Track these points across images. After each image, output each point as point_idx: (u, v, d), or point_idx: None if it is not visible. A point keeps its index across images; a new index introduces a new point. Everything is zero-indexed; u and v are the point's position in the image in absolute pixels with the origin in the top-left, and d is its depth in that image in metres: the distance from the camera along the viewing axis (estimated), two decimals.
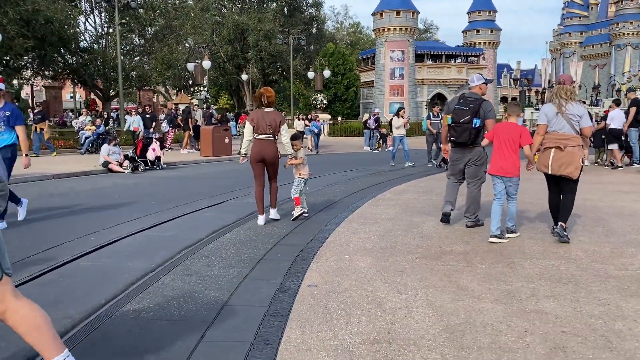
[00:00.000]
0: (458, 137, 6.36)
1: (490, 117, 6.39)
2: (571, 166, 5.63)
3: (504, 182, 5.90)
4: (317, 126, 23.94)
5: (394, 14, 37.26)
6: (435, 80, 39.18)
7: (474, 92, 6.51)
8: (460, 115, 6.29)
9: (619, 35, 71.56)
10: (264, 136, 6.83)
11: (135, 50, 30.57)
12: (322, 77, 34.31)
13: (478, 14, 52.47)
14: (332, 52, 38.91)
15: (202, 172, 14.75)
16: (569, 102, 5.70)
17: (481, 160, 6.52)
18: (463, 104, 6.37)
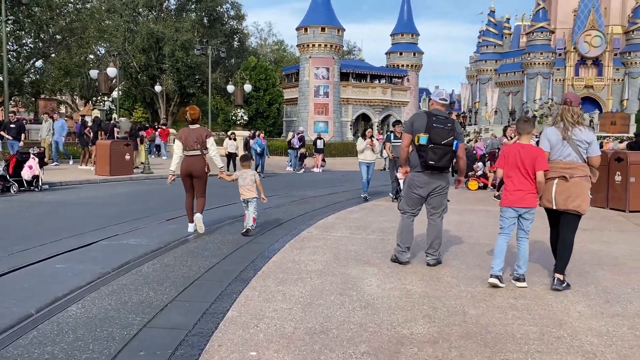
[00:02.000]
0: (438, 160, 5.36)
1: (462, 140, 5.60)
2: (578, 199, 4.85)
3: (520, 215, 5.00)
4: (260, 144, 19.83)
5: (319, 30, 36.00)
6: (360, 100, 38.25)
7: (442, 110, 5.54)
8: (442, 136, 5.34)
9: (531, 64, 75.07)
10: (192, 152, 7.26)
11: (30, 53, 26.95)
12: (243, 92, 32.19)
13: (401, 36, 52.74)
14: (254, 65, 36.95)
15: (89, 195, 12.20)
16: (576, 126, 4.94)
17: (448, 187, 5.74)
18: (441, 123, 5.38)
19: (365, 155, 12.09)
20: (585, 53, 72.62)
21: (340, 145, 33.17)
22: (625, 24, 73.63)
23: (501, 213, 5.11)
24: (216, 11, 45.23)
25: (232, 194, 9.43)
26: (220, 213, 9.52)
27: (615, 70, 72.70)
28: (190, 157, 7.26)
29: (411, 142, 5.51)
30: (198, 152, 7.25)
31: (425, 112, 5.58)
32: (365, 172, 12.08)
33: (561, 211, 4.94)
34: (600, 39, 71.56)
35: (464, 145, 5.61)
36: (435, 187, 5.58)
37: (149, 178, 16.82)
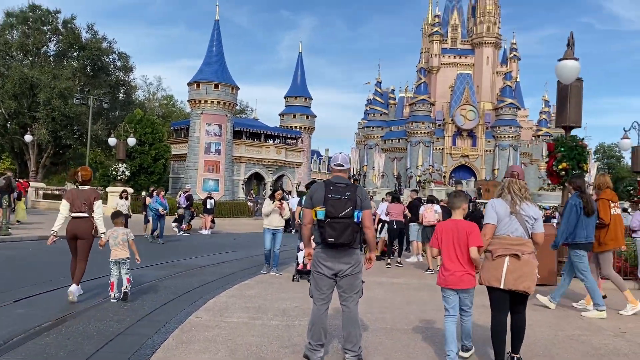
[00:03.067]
0: (338, 237, 4.57)
1: (368, 207, 4.76)
2: (528, 279, 4.60)
3: (458, 295, 4.76)
4: (161, 204, 16.99)
5: (212, 87, 34.94)
6: (254, 159, 37.28)
7: (341, 177, 4.83)
8: (339, 208, 4.58)
9: (413, 133, 79.66)
10: (79, 214, 7.03)
11: None
12: (126, 145, 29.86)
13: (295, 99, 53.35)
14: (140, 118, 34.70)
15: None
16: (524, 200, 4.75)
17: (360, 267, 4.81)
18: (338, 192, 4.64)
19: (272, 220, 10.06)
20: (461, 125, 78.65)
21: (232, 205, 31.64)
22: (495, 101, 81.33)
23: (443, 294, 4.82)
24: (101, 60, 42.71)
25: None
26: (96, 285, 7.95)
27: (487, 142, 79.25)
28: (76, 219, 7.09)
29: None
30: (85, 214, 7.08)
31: (324, 181, 4.80)
32: (269, 240, 10.04)
33: (507, 291, 4.60)
34: (474, 113, 78.10)
35: (370, 212, 4.75)
36: (345, 268, 4.70)
37: (4, 241, 14.19)
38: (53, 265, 10.36)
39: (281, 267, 10.56)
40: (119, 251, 7.05)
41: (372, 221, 4.97)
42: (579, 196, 7.25)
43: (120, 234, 7.10)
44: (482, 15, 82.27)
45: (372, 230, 4.87)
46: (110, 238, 7.04)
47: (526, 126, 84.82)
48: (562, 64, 10.27)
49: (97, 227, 7.13)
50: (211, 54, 36.32)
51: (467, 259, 4.65)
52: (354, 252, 4.75)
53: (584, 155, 10.57)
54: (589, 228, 7.23)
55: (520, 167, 5.02)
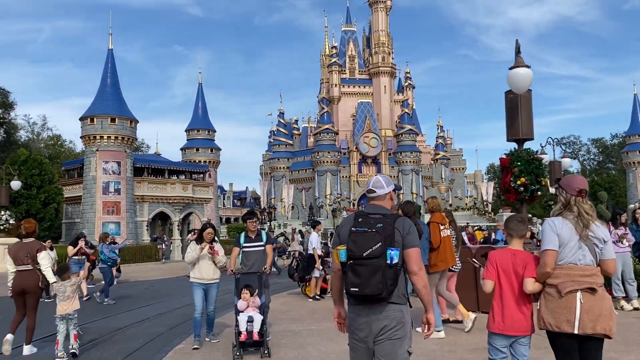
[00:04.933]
0: (363, 285, 3.32)
1: (414, 245, 3.47)
2: (609, 318, 3.64)
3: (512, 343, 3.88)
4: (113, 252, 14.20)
5: (108, 120, 31.89)
6: (158, 198, 34.35)
7: (378, 206, 3.62)
8: (363, 244, 3.34)
9: (320, 162, 79.70)
10: (24, 267, 7.00)
11: None
12: (9, 190, 26.10)
13: (197, 132, 51.00)
14: (25, 159, 30.75)
15: None
16: (593, 221, 3.77)
17: (404, 330, 3.45)
18: (364, 224, 3.43)
19: (202, 270, 7.54)
20: (366, 152, 80.00)
21: (137, 249, 28.64)
22: (394, 128, 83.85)
23: (490, 341, 4.00)
24: None
25: None
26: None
27: (391, 168, 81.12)
28: (21, 272, 7.06)
29: None
30: (30, 266, 7.06)
31: (355, 212, 3.64)
32: (200, 299, 7.55)
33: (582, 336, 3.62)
34: (376, 141, 79.84)
35: (417, 251, 3.46)
36: (380, 329, 3.39)
37: None
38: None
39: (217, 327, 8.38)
40: (67, 305, 6.90)
41: (421, 265, 3.51)
42: None
43: (68, 287, 6.99)
44: (377, 46, 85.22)
45: (422, 278, 3.46)
46: (59, 292, 6.93)
47: (425, 151, 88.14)
48: (514, 72, 9.62)
49: (46, 278, 7.05)
50: (105, 86, 33.33)
51: (524, 298, 3.86)
52: (393, 308, 3.40)
53: (541, 169, 9.97)
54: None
55: (583, 179, 3.91)
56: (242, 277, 7.22)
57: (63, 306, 6.91)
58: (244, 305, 6.83)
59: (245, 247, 7.53)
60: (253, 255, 7.49)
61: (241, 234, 7.78)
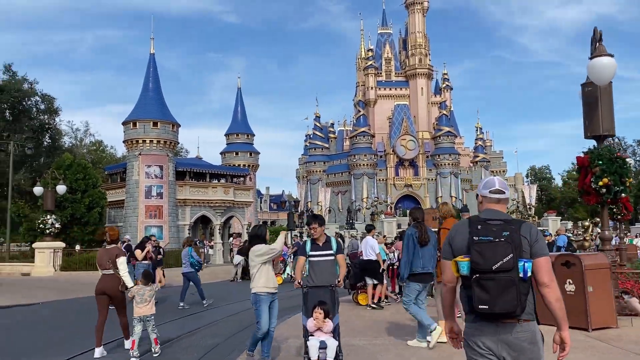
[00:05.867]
0: (494, 301, 2.91)
1: (544, 253, 3.07)
2: None
3: None
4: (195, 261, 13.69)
5: (150, 124, 32.04)
6: (199, 201, 34.32)
7: (498, 211, 3.20)
8: (492, 256, 2.93)
9: (356, 165, 79.05)
10: (106, 271, 7.62)
11: None
12: (55, 194, 26.42)
13: (236, 136, 51.01)
14: (69, 163, 31.13)
15: None
16: None
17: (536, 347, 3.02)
18: (486, 232, 3.01)
19: (269, 277, 6.74)
20: (403, 155, 78.87)
21: (179, 253, 28.54)
22: (432, 130, 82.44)
23: None
24: (22, 104, 38.81)
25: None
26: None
27: (428, 171, 79.77)
28: (104, 276, 7.61)
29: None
30: (111, 271, 7.56)
31: (469, 218, 3.26)
32: (266, 315, 6.67)
33: None
34: (414, 143, 78.63)
35: (546, 260, 3.06)
36: (506, 349, 3.01)
37: None
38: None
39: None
40: (143, 308, 7.25)
41: (552, 276, 3.02)
42: (414, 226, 7.35)
43: (147, 291, 7.36)
44: (414, 48, 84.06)
45: (554, 291, 3.05)
46: (137, 295, 7.28)
47: (463, 153, 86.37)
48: (596, 61, 8.82)
49: (124, 283, 7.53)
50: (147, 90, 33.53)
51: None
52: (524, 326, 3.03)
53: (625, 169, 9.10)
54: (425, 258, 7.25)
55: None
56: (310, 292, 6.17)
57: (140, 309, 7.26)
58: (315, 326, 5.78)
59: (311, 256, 6.42)
60: (321, 266, 6.36)
61: (306, 240, 6.75)
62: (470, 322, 3.13)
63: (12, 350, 8.43)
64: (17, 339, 9.45)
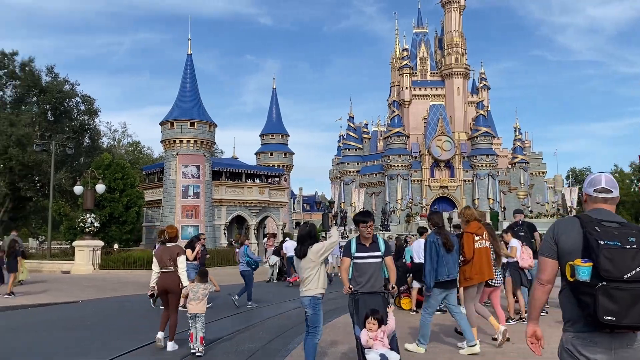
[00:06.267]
0: (624, 313, 2.59)
1: None
2: None
3: None
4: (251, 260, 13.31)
5: (187, 125, 32.20)
6: (235, 201, 34.35)
7: (608, 211, 2.92)
8: (624, 263, 2.61)
9: (390, 166, 78.14)
10: (166, 269, 7.81)
11: None
12: (94, 194, 26.71)
13: (271, 136, 51.06)
14: (108, 163, 31.53)
15: None
16: None
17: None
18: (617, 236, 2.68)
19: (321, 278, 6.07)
20: (438, 156, 77.60)
21: (215, 253, 28.52)
22: (469, 130, 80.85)
23: None
24: (64, 105, 39.60)
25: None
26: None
27: (465, 172, 78.24)
28: (164, 273, 7.81)
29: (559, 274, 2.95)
30: (172, 268, 7.75)
31: (578, 217, 2.95)
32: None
33: None
34: (450, 144, 77.25)
35: None
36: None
37: None
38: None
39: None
40: (194, 306, 7.47)
41: None
42: (436, 232, 7.04)
43: (201, 289, 7.59)
44: (450, 47, 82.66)
45: None
46: (191, 292, 7.52)
47: (501, 154, 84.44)
48: None
49: (181, 280, 7.75)
50: (185, 90, 33.72)
51: None
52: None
53: None
54: (450, 265, 6.97)
55: None
56: (361, 298, 5.57)
57: (192, 306, 7.47)
58: (369, 337, 5.17)
59: (357, 258, 5.80)
60: (368, 269, 5.74)
61: (351, 240, 6.02)
62: (576, 331, 2.83)
63: (54, 350, 8.28)
64: (59, 338, 9.33)
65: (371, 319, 5.21)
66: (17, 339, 9.20)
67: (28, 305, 13.30)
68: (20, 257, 15.75)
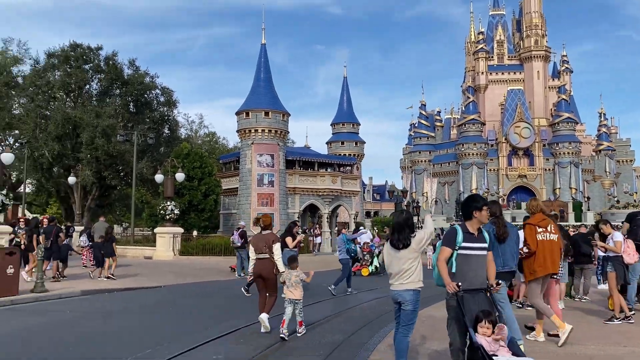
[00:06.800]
0: None
1: None
2: None
3: None
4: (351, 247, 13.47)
5: (262, 114, 32.52)
6: (308, 190, 34.42)
7: None
8: None
9: (465, 155, 75.78)
10: (261, 255, 8.10)
11: None
12: (174, 182, 27.53)
13: (342, 125, 50.81)
14: (187, 152, 32.46)
15: None
16: None
17: None
18: None
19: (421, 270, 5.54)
20: (516, 144, 74.38)
21: None
22: (549, 117, 76.82)
23: None
24: (144, 96, 41.14)
25: None
26: None
27: (545, 160, 74.55)
28: (260, 260, 8.13)
29: None
30: (267, 255, 8.05)
31: None
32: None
33: None
34: (529, 130, 73.80)
35: None
36: None
37: (40, 300, 11.54)
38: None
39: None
40: (291, 292, 7.77)
41: None
42: (492, 222, 6.68)
43: (294, 276, 7.86)
44: (529, 29, 78.72)
45: None
46: (286, 279, 7.87)
47: (585, 141, 79.72)
48: None
49: (277, 267, 8.03)
50: (259, 80, 34.06)
51: None
52: None
53: None
54: (506, 255, 6.67)
55: None
56: (466, 297, 4.90)
57: (290, 292, 7.78)
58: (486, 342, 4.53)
59: (464, 249, 5.07)
60: (475, 263, 5.06)
61: (457, 228, 5.20)
62: None
63: (140, 336, 8.39)
64: (145, 323, 9.48)
65: (485, 322, 4.58)
66: (110, 321, 9.44)
67: (122, 288, 13.77)
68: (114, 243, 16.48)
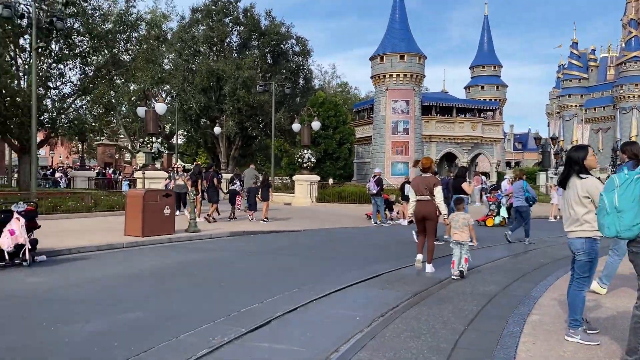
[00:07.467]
0: None
1: None
2: None
3: None
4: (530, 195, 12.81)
5: (397, 58, 31.40)
6: (445, 137, 32.95)
7: None
8: None
9: (624, 97, 67.60)
10: (422, 197, 8.27)
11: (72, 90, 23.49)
12: (311, 130, 27.86)
13: (482, 68, 47.51)
14: (322, 101, 32.62)
15: (95, 275, 7.81)
16: None
17: None
18: None
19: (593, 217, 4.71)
20: None
21: None
22: None
23: None
24: (280, 47, 41.87)
25: None
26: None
27: None
28: (420, 202, 8.33)
29: None
30: (427, 197, 8.23)
31: None
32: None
33: None
34: None
35: None
36: None
37: (193, 239, 12.29)
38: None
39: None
40: (458, 234, 7.86)
41: None
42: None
43: (461, 218, 7.91)
44: None
45: None
46: (452, 221, 7.94)
47: None
48: None
49: (439, 209, 8.24)
50: (394, 22, 32.77)
51: None
52: None
53: None
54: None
55: None
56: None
57: (455, 234, 7.86)
58: None
59: None
60: None
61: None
62: None
63: (285, 276, 8.47)
64: (289, 264, 9.59)
65: None
66: (257, 260, 9.73)
67: (266, 231, 14.29)
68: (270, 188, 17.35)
